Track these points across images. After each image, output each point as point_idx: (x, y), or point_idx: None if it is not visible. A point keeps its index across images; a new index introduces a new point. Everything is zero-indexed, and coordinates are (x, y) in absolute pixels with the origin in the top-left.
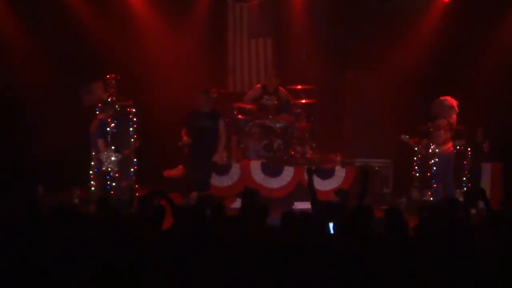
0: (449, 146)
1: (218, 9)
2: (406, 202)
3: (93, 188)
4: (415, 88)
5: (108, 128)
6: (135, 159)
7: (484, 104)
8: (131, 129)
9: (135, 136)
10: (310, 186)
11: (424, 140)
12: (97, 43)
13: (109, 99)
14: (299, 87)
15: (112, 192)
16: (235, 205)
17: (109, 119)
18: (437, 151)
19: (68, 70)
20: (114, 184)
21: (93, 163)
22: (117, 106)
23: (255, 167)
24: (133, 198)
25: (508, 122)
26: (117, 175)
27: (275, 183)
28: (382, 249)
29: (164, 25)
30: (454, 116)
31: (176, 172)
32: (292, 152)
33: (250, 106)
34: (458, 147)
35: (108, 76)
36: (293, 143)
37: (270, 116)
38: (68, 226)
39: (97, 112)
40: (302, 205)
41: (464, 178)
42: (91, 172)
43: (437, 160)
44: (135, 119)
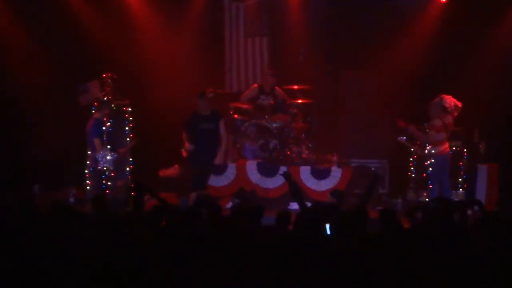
0: (445, 147)
1: (215, 9)
2: (402, 203)
3: (89, 187)
4: (413, 89)
5: (104, 127)
6: (131, 158)
7: (481, 105)
8: (127, 128)
9: (131, 135)
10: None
11: (420, 141)
12: (96, 43)
13: (105, 98)
14: (296, 87)
15: (108, 191)
16: (231, 205)
17: (105, 118)
18: (433, 152)
19: (67, 70)
20: (110, 183)
21: (89, 162)
22: (113, 105)
23: (251, 167)
24: (129, 197)
25: (505, 123)
26: (113, 174)
27: (271, 183)
28: (378, 249)
29: (161, 25)
30: (450, 117)
31: (172, 172)
32: (288, 152)
33: (247, 106)
34: (454, 148)
35: (105, 75)
36: (290, 143)
37: (266, 116)
38: (65, 225)
39: (93, 111)
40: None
41: (460, 179)
42: (87, 171)
43: (433, 161)
44: (131, 118)
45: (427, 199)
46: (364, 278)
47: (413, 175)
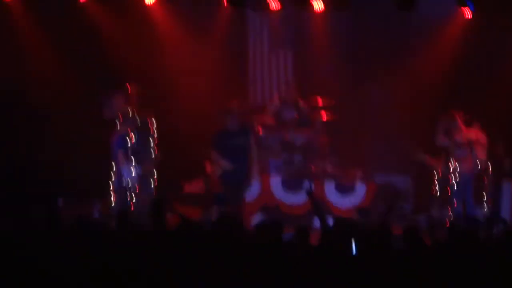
0: (469, 164)
1: (239, 20)
2: (426, 219)
3: (114, 202)
4: (436, 102)
5: (128, 141)
6: (155, 172)
7: (506, 118)
8: (152, 142)
9: (156, 149)
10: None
11: (443, 157)
12: (119, 55)
13: (130, 111)
14: (320, 101)
15: (133, 207)
16: (255, 221)
17: (130, 131)
18: (458, 169)
19: (91, 82)
20: (135, 198)
21: (114, 177)
22: (138, 118)
23: (276, 183)
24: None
25: None
26: (138, 189)
27: (296, 199)
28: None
29: (185, 36)
30: (469, 131)
31: (197, 186)
32: (313, 167)
33: (270, 120)
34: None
35: (129, 87)
36: (314, 158)
37: (290, 130)
38: (89, 241)
39: (117, 124)
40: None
41: (485, 196)
42: (111, 186)
43: (458, 178)
44: (156, 132)
45: (452, 216)
46: None
47: (438, 191)
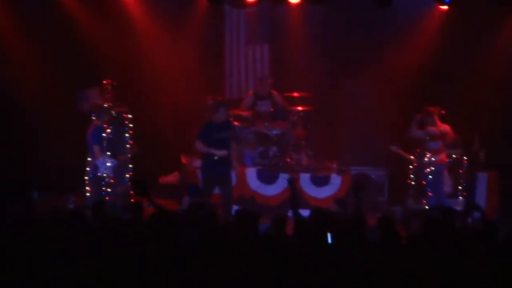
0: (443, 156)
1: (216, 16)
2: (402, 211)
3: (89, 194)
4: (412, 96)
5: (104, 134)
6: (131, 165)
7: (481, 113)
8: (127, 135)
9: (131, 142)
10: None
11: (418, 149)
12: (96, 49)
13: (105, 105)
14: (296, 94)
15: (108, 198)
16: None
17: (105, 125)
18: (433, 160)
19: (66, 76)
20: (110, 190)
21: (89, 169)
22: (113, 112)
23: (251, 174)
24: (128, 204)
25: (505, 131)
26: (113, 181)
27: (271, 191)
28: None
29: (162, 31)
30: (443, 124)
31: (172, 179)
32: (288, 160)
33: (246, 113)
34: (454, 156)
35: (105, 82)
36: (289, 150)
37: (266, 123)
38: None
39: (93, 118)
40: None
41: (460, 187)
42: (87, 178)
43: (433, 169)
44: (131, 125)
45: (426, 207)
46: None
47: (413, 183)
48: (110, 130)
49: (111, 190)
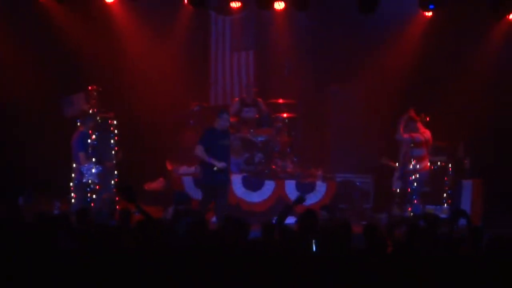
0: (426, 163)
1: (201, 22)
2: (387, 218)
3: (74, 200)
4: (397, 103)
5: (89, 140)
6: (116, 172)
7: (466, 120)
8: (113, 141)
9: (117, 149)
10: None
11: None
12: (81, 56)
13: (91, 111)
14: (281, 101)
15: (93, 204)
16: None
17: (90, 131)
18: (418, 167)
19: (52, 82)
20: (95, 196)
21: (74, 175)
22: (99, 118)
23: (236, 181)
24: (114, 210)
25: (490, 138)
26: (98, 187)
27: (256, 197)
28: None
29: (147, 38)
30: (426, 131)
31: (157, 185)
32: (273, 166)
33: (232, 119)
34: (439, 163)
35: (90, 88)
36: (274, 157)
37: (251, 130)
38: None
39: (78, 124)
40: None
41: (445, 194)
42: (72, 184)
43: (418, 176)
44: (117, 131)
45: (412, 214)
46: None
47: (398, 190)
48: (95, 136)
49: (97, 197)
